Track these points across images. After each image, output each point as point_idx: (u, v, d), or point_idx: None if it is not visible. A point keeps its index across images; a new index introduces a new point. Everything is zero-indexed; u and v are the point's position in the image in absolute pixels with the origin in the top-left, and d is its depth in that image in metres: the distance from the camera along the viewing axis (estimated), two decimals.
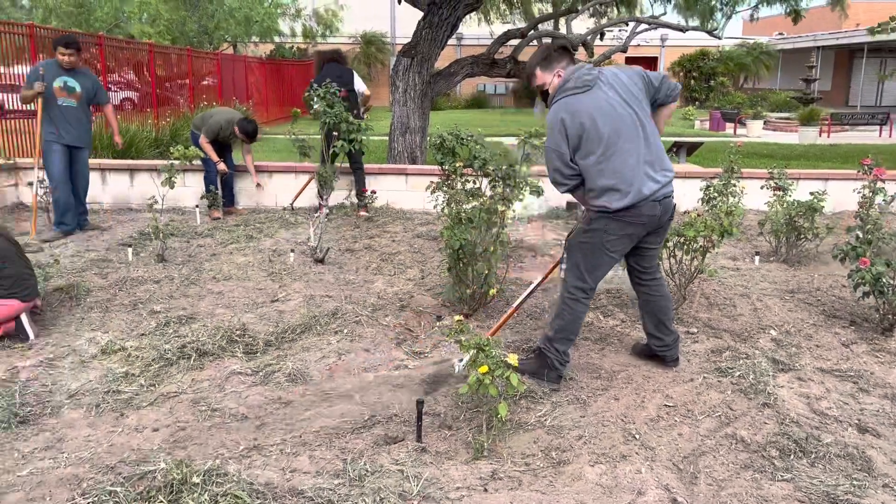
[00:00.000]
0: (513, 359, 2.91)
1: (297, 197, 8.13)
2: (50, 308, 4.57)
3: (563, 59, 3.52)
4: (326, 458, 2.82)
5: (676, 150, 11.70)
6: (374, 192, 7.76)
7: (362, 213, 7.65)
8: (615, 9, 16.06)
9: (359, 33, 33.35)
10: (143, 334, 4.15)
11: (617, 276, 5.12)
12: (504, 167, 4.61)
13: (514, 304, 4.11)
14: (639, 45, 29.83)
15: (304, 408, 3.28)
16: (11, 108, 9.56)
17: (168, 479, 2.49)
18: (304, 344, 4.07)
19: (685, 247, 4.40)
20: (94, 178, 8.22)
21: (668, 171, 3.48)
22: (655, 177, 3.41)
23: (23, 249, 4.44)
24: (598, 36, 16.01)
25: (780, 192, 6.17)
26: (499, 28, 15.72)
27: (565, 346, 3.56)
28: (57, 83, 6.40)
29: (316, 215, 6.50)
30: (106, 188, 8.22)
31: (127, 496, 2.44)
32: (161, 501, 2.39)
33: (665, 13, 16.17)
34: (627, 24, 16.80)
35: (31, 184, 6.73)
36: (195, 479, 2.49)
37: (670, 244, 4.46)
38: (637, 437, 3.07)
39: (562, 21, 16.44)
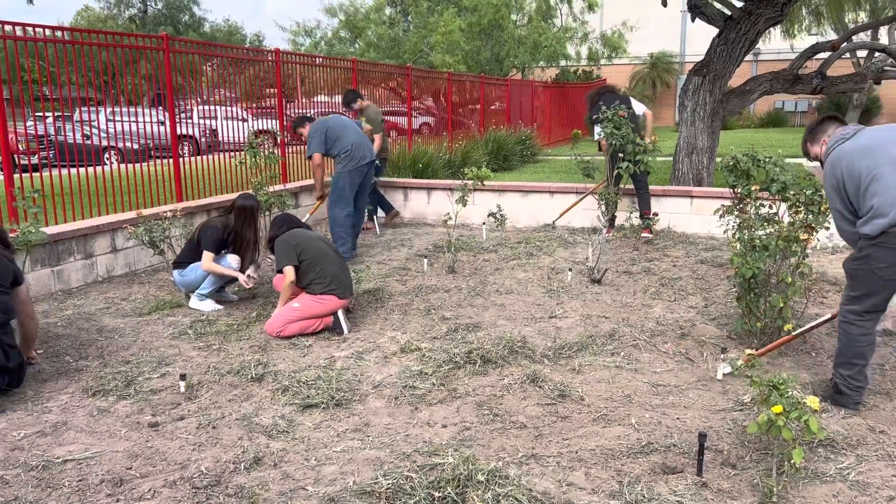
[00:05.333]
0: (812, 401, 2.67)
1: (561, 215, 8.31)
2: (360, 307, 5.21)
3: (829, 127, 3.65)
4: (602, 477, 2.83)
5: None
6: (656, 215, 7.59)
7: (645, 234, 7.54)
8: None
9: (646, 54, 32.81)
10: (435, 338, 4.54)
11: None
12: (808, 192, 4.24)
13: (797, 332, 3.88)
14: None
15: (580, 424, 3.33)
16: None
17: (455, 474, 2.71)
18: (581, 362, 4.12)
19: None
20: (397, 195, 9.21)
21: None
22: None
23: (340, 253, 5.12)
24: None
25: None
26: (803, 42, 14.41)
27: (849, 370, 3.44)
28: None
29: (597, 236, 6.54)
30: (407, 204, 9.13)
31: (420, 483, 2.69)
32: (449, 493, 2.61)
33: None
34: None
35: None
36: (479, 477, 2.67)
37: None
38: None
39: (882, 30, 14.56)
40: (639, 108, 7.81)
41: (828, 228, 4.36)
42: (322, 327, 4.67)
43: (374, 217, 8.50)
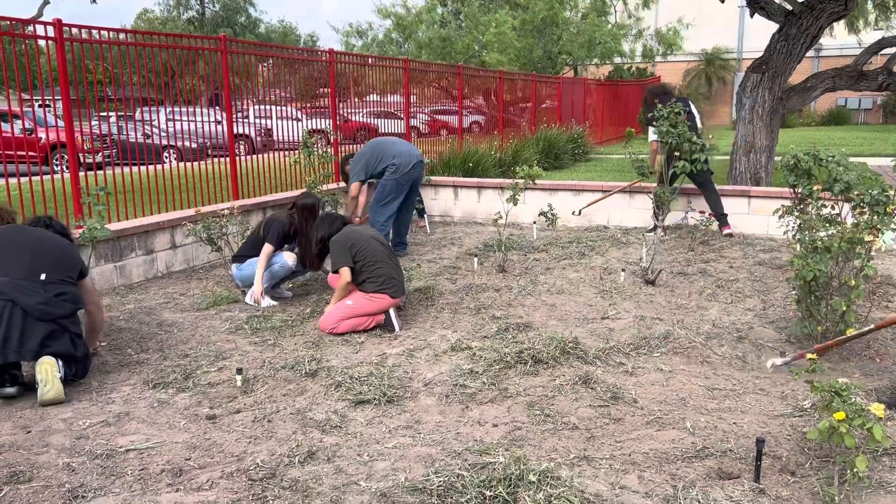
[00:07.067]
0: (877, 408, 2.58)
1: (589, 205, 8.36)
2: (411, 305, 5.24)
3: None
4: (656, 480, 2.79)
5: None
6: (712, 215, 7.44)
7: (726, 230, 7.48)
8: None
9: (701, 51, 32.14)
10: (485, 337, 4.54)
11: None
12: (873, 192, 4.10)
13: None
14: None
15: (633, 427, 3.28)
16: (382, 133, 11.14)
17: (507, 473, 2.70)
18: (634, 364, 4.07)
19: None
20: (447, 194, 9.24)
21: None
22: None
23: (394, 254, 5.16)
24: None
25: None
26: (869, 37, 13.90)
27: None
28: None
29: (652, 236, 6.44)
30: (457, 203, 9.14)
31: (472, 481, 2.70)
32: (500, 492, 2.61)
33: None
34: None
35: None
36: (531, 478, 2.66)
37: None
38: None
39: None
40: (694, 108, 7.70)
41: (894, 230, 4.21)
42: (374, 325, 4.71)
43: (425, 214, 8.53)
